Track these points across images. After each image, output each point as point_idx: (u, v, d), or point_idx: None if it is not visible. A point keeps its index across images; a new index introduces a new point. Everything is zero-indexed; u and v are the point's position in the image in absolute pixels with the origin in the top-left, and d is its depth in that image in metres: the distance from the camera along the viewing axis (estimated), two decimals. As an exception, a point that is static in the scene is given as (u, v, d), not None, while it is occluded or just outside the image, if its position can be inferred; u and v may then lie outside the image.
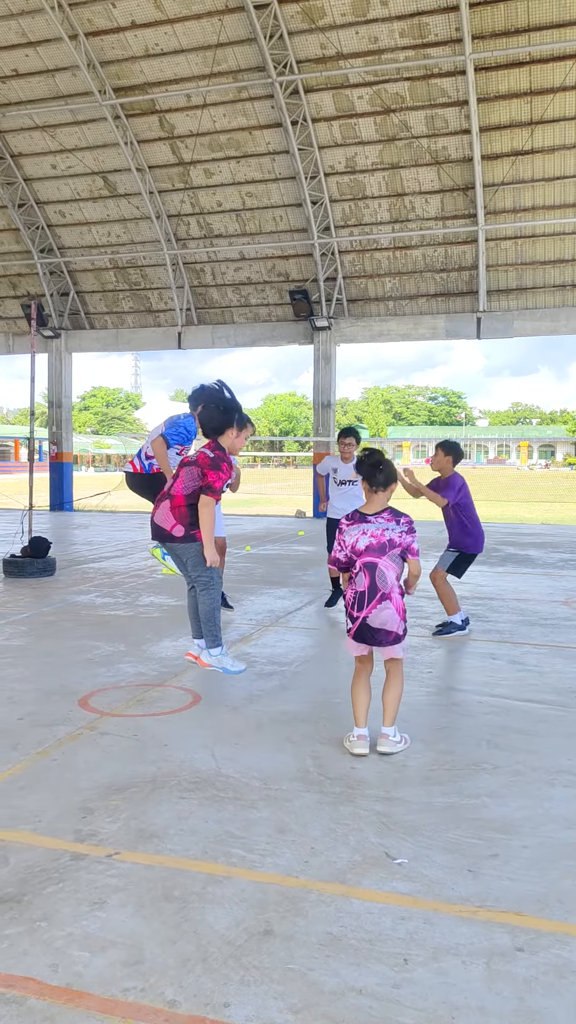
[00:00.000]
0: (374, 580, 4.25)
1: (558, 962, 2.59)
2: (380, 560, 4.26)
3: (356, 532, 4.34)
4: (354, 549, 4.32)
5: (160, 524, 5.22)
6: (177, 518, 5.16)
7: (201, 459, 5.15)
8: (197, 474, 5.15)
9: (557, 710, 5.20)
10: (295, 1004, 2.39)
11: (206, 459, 5.13)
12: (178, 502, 5.17)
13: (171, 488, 5.24)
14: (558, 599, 9.25)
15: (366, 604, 4.29)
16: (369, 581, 4.26)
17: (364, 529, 4.32)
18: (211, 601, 5.25)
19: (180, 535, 5.17)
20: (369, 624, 4.31)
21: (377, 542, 4.27)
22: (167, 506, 5.21)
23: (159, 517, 5.24)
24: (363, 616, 4.31)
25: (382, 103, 17.38)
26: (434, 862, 3.22)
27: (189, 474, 5.17)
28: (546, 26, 15.63)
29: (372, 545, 4.28)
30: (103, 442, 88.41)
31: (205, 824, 3.52)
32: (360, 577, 4.30)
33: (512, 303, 19.26)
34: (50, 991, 2.44)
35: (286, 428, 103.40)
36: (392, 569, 4.29)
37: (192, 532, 5.16)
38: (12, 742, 4.49)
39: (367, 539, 4.30)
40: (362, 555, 4.29)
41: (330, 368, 20.51)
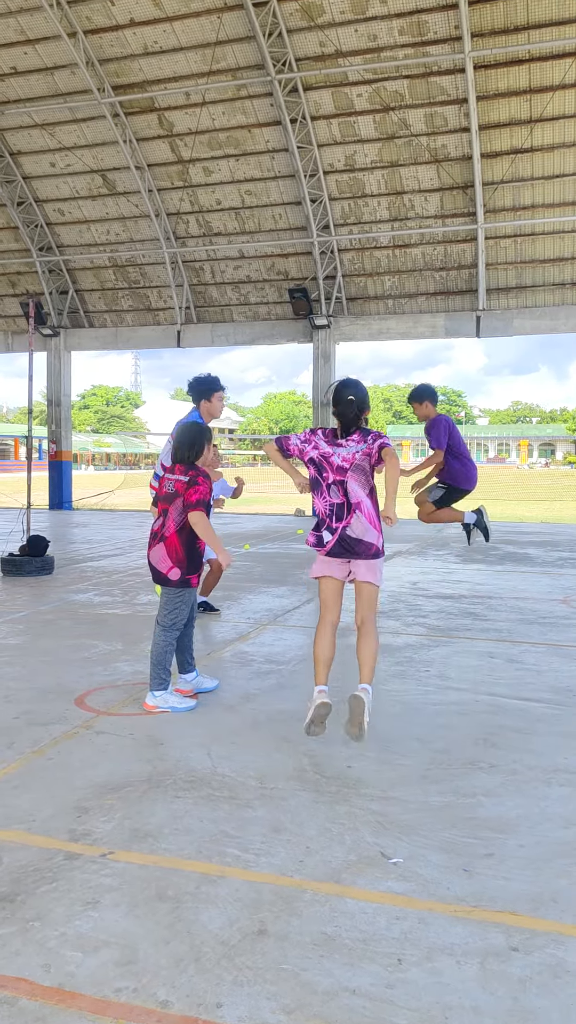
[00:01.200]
0: (347, 493, 4.28)
1: (552, 962, 2.58)
2: (348, 477, 4.28)
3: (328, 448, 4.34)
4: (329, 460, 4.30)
5: (156, 565, 5.09)
6: (174, 560, 5.02)
7: (178, 487, 5.04)
8: (180, 505, 5.02)
9: (554, 709, 5.19)
10: (288, 1004, 2.38)
11: (181, 485, 5.03)
12: (172, 541, 5.02)
13: (163, 528, 5.08)
14: (556, 598, 9.23)
15: (345, 514, 4.26)
16: (343, 494, 4.28)
17: (336, 451, 4.31)
18: (167, 643, 5.10)
19: (176, 579, 5.03)
20: (349, 534, 4.25)
21: (348, 464, 4.28)
22: (162, 548, 5.06)
23: (155, 558, 5.10)
24: (343, 525, 4.25)
25: (381, 101, 17.35)
26: (429, 861, 3.21)
27: (175, 508, 5.03)
28: (545, 24, 15.59)
29: (343, 466, 4.29)
30: (103, 441, 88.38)
31: (200, 823, 3.51)
32: (333, 490, 4.30)
33: (512, 301, 19.23)
34: (42, 991, 2.43)
35: (286, 427, 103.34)
36: (357, 481, 4.28)
37: (187, 577, 5.06)
38: (7, 741, 4.48)
39: (339, 460, 4.30)
40: (334, 471, 4.29)
41: (329, 366, 20.48)
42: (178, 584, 5.06)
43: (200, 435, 5.21)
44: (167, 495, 5.11)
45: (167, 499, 5.10)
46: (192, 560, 5.07)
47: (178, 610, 5.10)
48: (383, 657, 6.46)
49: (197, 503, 4.94)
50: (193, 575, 5.11)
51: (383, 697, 5.39)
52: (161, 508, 5.15)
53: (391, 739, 4.57)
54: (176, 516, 5.04)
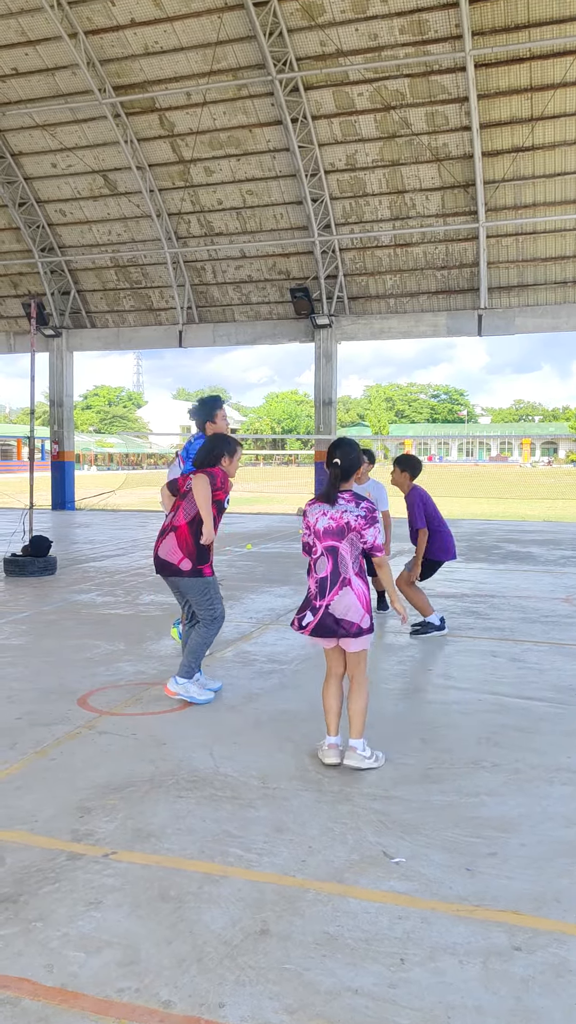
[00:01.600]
0: (336, 565, 4.10)
1: (555, 961, 2.58)
2: (340, 543, 4.10)
3: (317, 512, 4.20)
4: (314, 530, 4.18)
5: (166, 558, 5.11)
6: (184, 551, 5.06)
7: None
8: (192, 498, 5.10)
9: (557, 708, 5.18)
10: (290, 1004, 2.37)
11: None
12: (183, 532, 5.07)
13: (174, 520, 5.14)
14: (559, 596, 9.22)
15: (328, 591, 4.10)
16: (332, 566, 4.11)
17: (324, 510, 4.17)
18: (208, 636, 5.18)
19: (187, 569, 5.07)
20: (332, 613, 4.08)
21: (336, 525, 4.11)
22: (172, 539, 5.10)
23: (165, 551, 5.12)
24: (325, 604, 4.09)
25: (382, 100, 17.34)
26: (432, 861, 3.21)
27: (189, 502, 5.11)
28: (546, 22, 15.57)
29: (331, 528, 4.12)
30: (105, 441, 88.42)
31: (202, 823, 3.51)
32: (322, 562, 4.13)
33: (513, 300, 19.21)
34: (45, 992, 2.43)
35: (288, 427, 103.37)
36: (350, 554, 4.12)
37: (199, 567, 5.08)
38: (10, 741, 4.49)
39: (327, 520, 4.15)
40: (323, 538, 4.14)
41: (331, 366, 20.48)
42: (191, 574, 5.07)
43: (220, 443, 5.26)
44: (184, 493, 5.19)
45: (183, 496, 5.18)
46: (201, 550, 5.08)
47: (212, 601, 5.15)
48: (386, 656, 6.46)
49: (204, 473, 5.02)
50: (205, 565, 5.11)
51: (385, 696, 5.39)
52: (175, 504, 5.21)
53: (393, 738, 4.57)
54: (189, 508, 5.09)
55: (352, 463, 4.20)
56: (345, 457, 4.17)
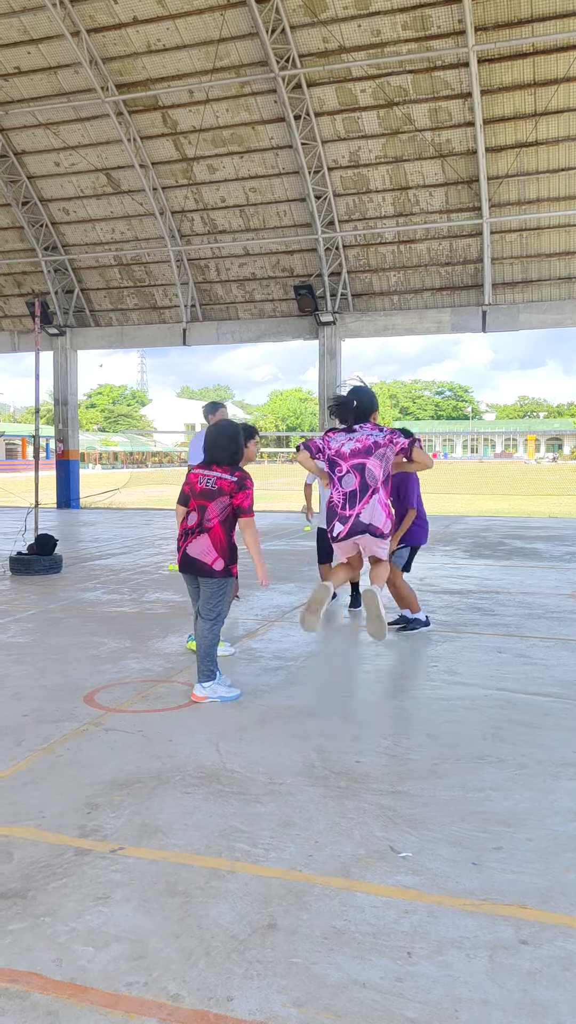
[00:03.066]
0: (364, 478, 4.38)
1: (562, 955, 2.59)
2: (368, 460, 4.40)
3: (342, 439, 4.49)
4: (339, 453, 4.45)
5: (198, 557, 4.99)
6: (219, 551, 4.96)
7: (225, 486, 4.97)
8: (225, 503, 4.98)
9: (563, 703, 5.18)
10: (298, 998, 2.38)
11: (230, 484, 4.96)
12: (217, 532, 4.97)
13: (206, 520, 4.99)
14: (564, 592, 9.22)
15: (358, 501, 4.39)
16: (359, 480, 4.39)
17: (350, 436, 4.47)
18: (214, 636, 5.18)
19: (220, 569, 4.99)
20: (362, 520, 4.39)
21: (363, 445, 4.43)
22: (206, 539, 4.98)
23: (198, 550, 4.99)
24: (356, 512, 4.39)
25: (385, 96, 17.31)
26: (438, 855, 3.21)
27: (218, 504, 4.98)
28: (549, 16, 15.52)
29: (358, 449, 4.42)
30: (110, 439, 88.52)
31: (209, 819, 3.52)
32: (349, 478, 4.41)
33: (518, 296, 19.18)
34: (54, 986, 2.44)
35: (292, 424, 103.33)
36: (379, 468, 4.42)
37: (230, 567, 5.04)
38: (17, 738, 4.51)
39: (353, 443, 4.45)
40: (348, 458, 4.42)
41: (335, 363, 20.47)
42: (223, 574, 5.04)
43: (238, 433, 5.14)
44: (205, 491, 5.01)
45: (206, 495, 5.01)
46: (233, 550, 5.07)
47: (221, 602, 5.15)
48: (391, 653, 6.47)
49: (250, 508, 4.93)
50: (234, 564, 5.11)
51: (391, 692, 5.40)
52: (196, 504, 5.06)
53: (400, 734, 4.58)
54: (219, 510, 4.97)
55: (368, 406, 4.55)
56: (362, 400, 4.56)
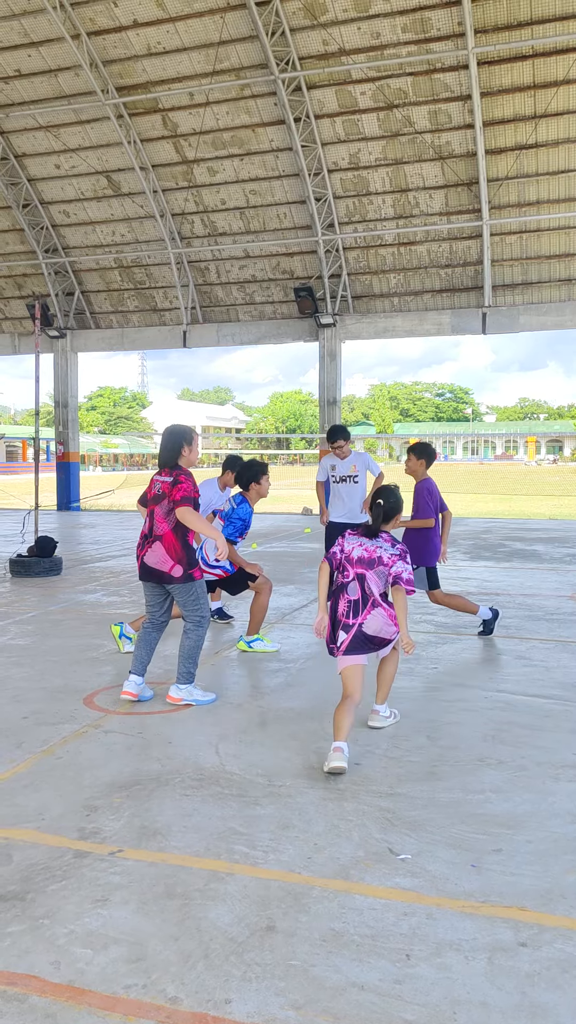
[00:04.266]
0: (364, 589, 4.44)
1: (561, 957, 2.58)
2: (368, 572, 4.46)
3: (355, 542, 4.57)
4: (348, 557, 4.54)
5: (156, 567, 5.09)
6: (175, 558, 5.05)
7: (164, 488, 5.13)
8: (167, 505, 5.08)
9: (562, 705, 5.18)
10: (297, 1000, 2.38)
11: (166, 486, 5.13)
12: (169, 539, 5.07)
13: (155, 528, 5.12)
14: (564, 594, 9.22)
15: (361, 611, 4.41)
16: (361, 591, 4.45)
17: (362, 543, 4.55)
18: (199, 638, 5.20)
19: (179, 575, 5.07)
20: (365, 631, 4.39)
21: (368, 556, 4.49)
22: (160, 548, 5.08)
23: (154, 559, 5.10)
24: (359, 622, 4.39)
25: (385, 99, 17.33)
26: (437, 857, 3.21)
27: (162, 508, 5.11)
28: (549, 19, 15.53)
29: (363, 557, 4.50)
30: (110, 442, 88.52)
31: (208, 821, 3.52)
32: (352, 586, 4.46)
33: (518, 298, 19.18)
34: (52, 988, 2.44)
35: (292, 426, 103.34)
36: (376, 583, 4.46)
37: (190, 572, 5.09)
38: (17, 740, 4.51)
39: (361, 551, 4.52)
40: (354, 565, 4.50)
41: (336, 365, 20.47)
42: (183, 580, 5.09)
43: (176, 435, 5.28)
44: (155, 496, 5.22)
45: (155, 500, 5.21)
46: (189, 554, 5.12)
47: (199, 604, 5.18)
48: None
49: (182, 499, 5.03)
50: (194, 568, 5.14)
51: (391, 695, 5.38)
52: (149, 509, 5.23)
53: (399, 736, 4.58)
54: (164, 516, 5.10)
55: (393, 507, 4.61)
56: (387, 501, 4.59)
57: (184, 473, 5.15)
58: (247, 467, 6.55)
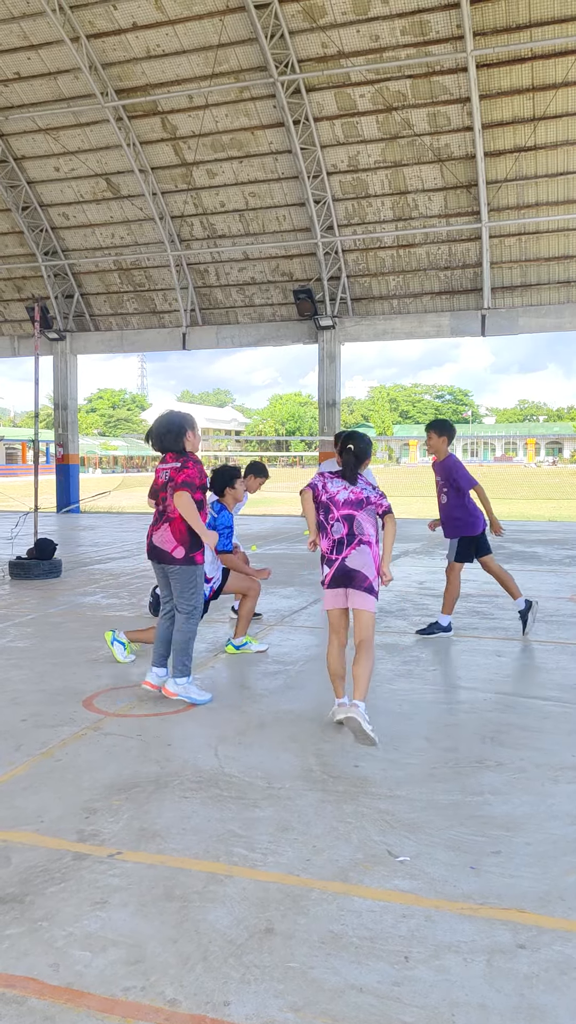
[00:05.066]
0: (352, 528, 4.64)
1: (560, 959, 2.58)
2: (358, 513, 4.68)
3: (339, 484, 4.76)
4: (333, 498, 4.72)
5: (160, 546, 5.18)
6: (179, 539, 5.12)
7: (173, 474, 5.17)
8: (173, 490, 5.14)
9: (562, 706, 5.18)
10: (295, 1002, 2.38)
11: (174, 472, 5.16)
12: (178, 523, 5.13)
13: (168, 511, 5.18)
14: (564, 596, 9.22)
15: (345, 547, 4.62)
16: (347, 529, 4.65)
17: (345, 485, 4.75)
18: (190, 630, 5.21)
19: (180, 557, 5.13)
20: (347, 564, 4.59)
21: (356, 498, 4.71)
22: (167, 527, 5.17)
23: (159, 538, 5.19)
24: (342, 557, 4.60)
25: (384, 101, 17.35)
26: (436, 859, 3.21)
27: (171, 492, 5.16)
28: (547, 22, 15.56)
29: (351, 499, 4.70)
30: (110, 444, 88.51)
31: (208, 823, 3.52)
32: (338, 526, 4.67)
33: (517, 300, 19.20)
34: (51, 991, 2.44)
35: (292, 428, 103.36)
36: (368, 522, 4.69)
37: (192, 555, 5.13)
38: (16, 743, 4.50)
39: (347, 493, 4.72)
40: (341, 507, 4.69)
41: (335, 367, 20.48)
42: (184, 562, 5.14)
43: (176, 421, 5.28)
44: (163, 484, 5.26)
45: (164, 487, 5.25)
46: (195, 538, 5.16)
47: (194, 592, 5.19)
48: (391, 656, 6.46)
49: (182, 483, 5.07)
50: (197, 552, 5.17)
51: (390, 697, 5.39)
52: (160, 496, 5.28)
53: (398, 738, 4.58)
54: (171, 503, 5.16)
55: (363, 451, 4.85)
56: (357, 445, 4.83)
57: (192, 459, 5.19)
58: (220, 473, 6.55)
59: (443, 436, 7.04)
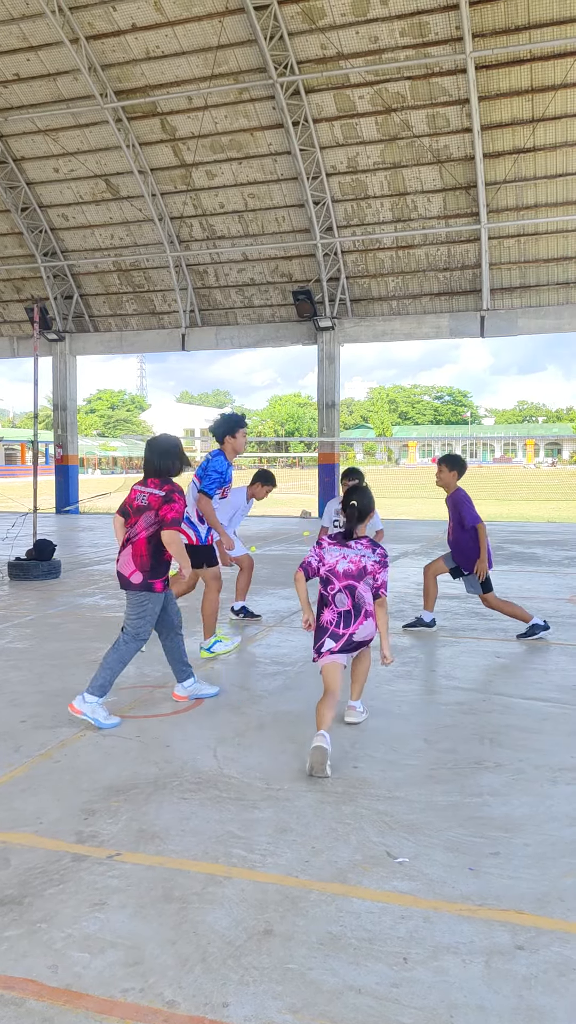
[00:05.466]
0: (356, 601, 4.59)
1: (558, 960, 2.58)
2: (359, 584, 4.61)
3: (337, 554, 4.66)
4: (333, 570, 4.64)
5: (120, 569, 5.00)
6: (137, 564, 4.91)
7: (152, 500, 4.95)
8: (152, 517, 4.92)
9: (561, 708, 5.18)
10: (294, 1004, 2.38)
11: (156, 499, 4.94)
12: (139, 546, 4.92)
13: (133, 534, 4.97)
14: (563, 597, 9.22)
15: (353, 621, 4.57)
16: (352, 602, 4.58)
17: (344, 554, 4.65)
18: (125, 654, 4.94)
19: (138, 583, 4.92)
20: (355, 640, 4.59)
21: (356, 568, 4.62)
22: (129, 551, 4.96)
23: (121, 563, 5.00)
24: (350, 632, 4.56)
25: (383, 102, 17.36)
26: (435, 861, 3.21)
27: (146, 519, 4.94)
28: (546, 23, 15.58)
29: (351, 570, 4.62)
30: (109, 444, 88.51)
31: (206, 824, 3.52)
32: (341, 598, 4.60)
33: (516, 301, 19.21)
34: (49, 992, 2.44)
35: (291, 428, 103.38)
36: (368, 592, 4.63)
37: (150, 581, 4.93)
38: (14, 744, 4.50)
39: (346, 564, 4.63)
40: (341, 578, 4.62)
41: (334, 368, 20.49)
42: (141, 587, 4.92)
43: (171, 448, 5.09)
44: (139, 507, 4.99)
45: (139, 511, 4.98)
46: (156, 568, 4.94)
47: (142, 619, 4.96)
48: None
49: (173, 522, 4.86)
50: (157, 580, 4.95)
51: (389, 698, 5.40)
52: (132, 520, 5.02)
53: (397, 739, 4.58)
54: (146, 525, 4.93)
55: (367, 507, 4.75)
56: (361, 501, 4.73)
57: (178, 491, 4.97)
58: (222, 421, 6.49)
59: (453, 471, 7.13)
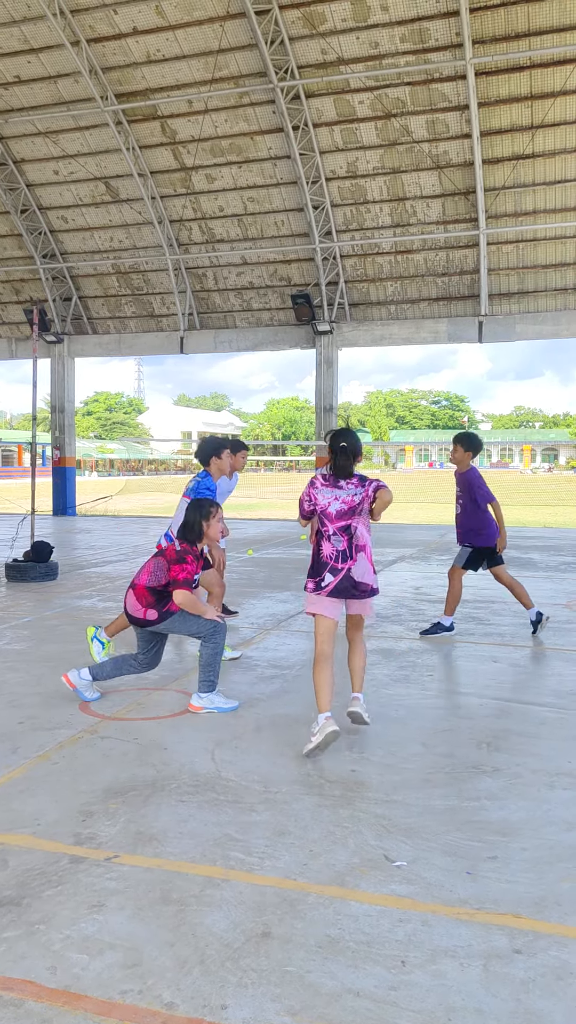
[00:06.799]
0: (352, 538, 4.59)
1: (556, 964, 2.59)
2: (353, 520, 4.60)
3: (329, 496, 4.64)
4: (325, 512, 4.63)
5: (134, 614, 5.12)
6: (144, 604, 5.04)
7: (168, 552, 5.09)
8: (164, 566, 5.04)
9: (557, 712, 5.19)
10: (292, 1006, 2.39)
11: (172, 552, 5.06)
12: (139, 591, 5.05)
13: (137, 576, 5.15)
14: (559, 602, 9.24)
15: (349, 557, 4.57)
16: (347, 541, 4.59)
17: (336, 495, 4.63)
18: (216, 647, 5.12)
19: (155, 618, 5.06)
20: (353, 576, 4.56)
21: (348, 507, 4.61)
22: (132, 595, 5.10)
23: (130, 607, 5.13)
24: (347, 567, 4.55)
25: (383, 108, 17.41)
26: (433, 864, 3.22)
27: (157, 564, 5.07)
28: (546, 30, 15.64)
29: (343, 510, 4.61)
30: (106, 447, 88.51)
31: (204, 827, 3.52)
32: (337, 538, 4.60)
33: (514, 307, 19.26)
34: (48, 994, 2.44)
35: (288, 432, 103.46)
36: (364, 524, 4.63)
37: (165, 610, 5.04)
38: (12, 746, 4.50)
39: (339, 504, 4.62)
40: (335, 520, 4.61)
41: (332, 372, 20.52)
42: (160, 619, 5.07)
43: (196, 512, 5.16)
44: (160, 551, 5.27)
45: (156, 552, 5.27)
46: (162, 598, 5.06)
47: (199, 623, 5.09)
48: (387, 662, 6.47)
49: (184, 581, 4.98)
50: (169, 604, 5.06)
51: (386, 702, 5.40)
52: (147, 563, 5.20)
53: (395, 743, 4.59)
54: (155, 571, 5.05)
55: (355, 446, 4.71)
56: (350, 441, 4.71)
57: (191, 554, 5.06)
58: (204, 444, 6.54)
59: (468, 451, 7.21)
